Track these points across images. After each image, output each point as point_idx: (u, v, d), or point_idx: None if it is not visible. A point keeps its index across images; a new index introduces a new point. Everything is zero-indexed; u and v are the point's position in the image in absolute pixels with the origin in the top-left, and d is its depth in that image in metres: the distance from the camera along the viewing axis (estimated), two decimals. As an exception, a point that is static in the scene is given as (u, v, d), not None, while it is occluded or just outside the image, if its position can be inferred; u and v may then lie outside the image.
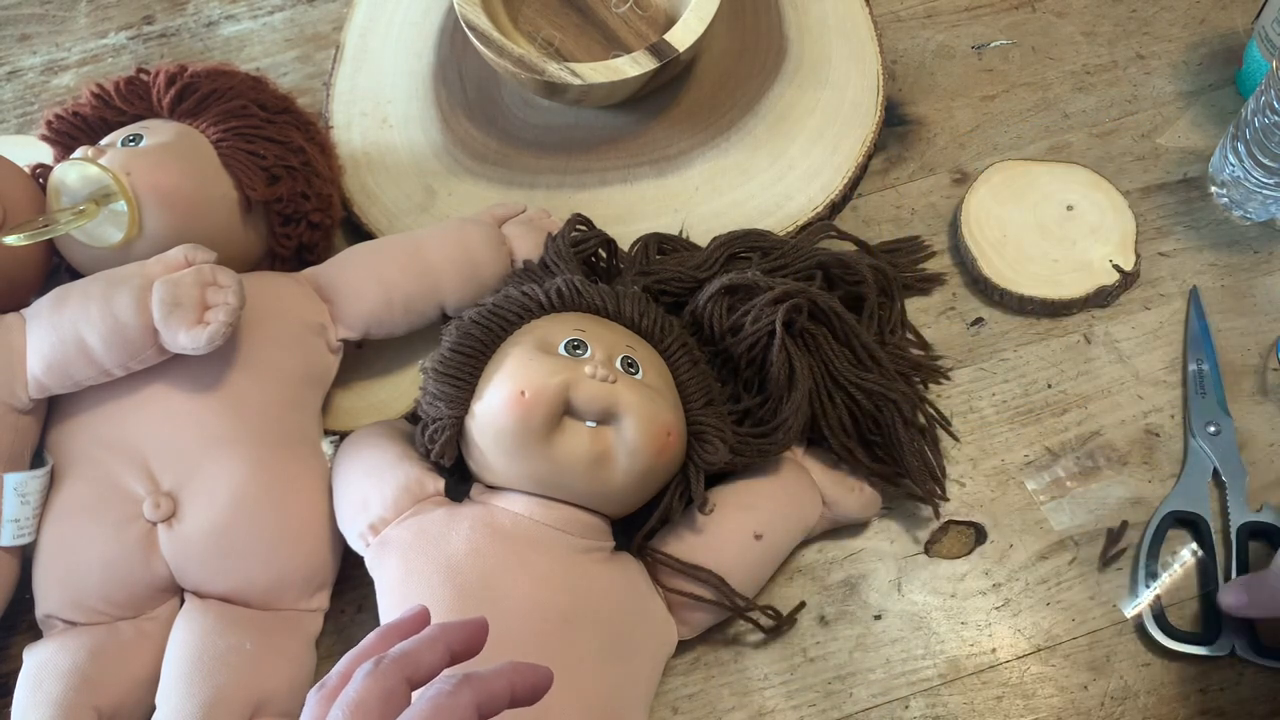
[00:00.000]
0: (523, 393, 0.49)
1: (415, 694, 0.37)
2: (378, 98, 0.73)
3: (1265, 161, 0.62)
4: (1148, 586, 0.57)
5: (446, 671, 0.37)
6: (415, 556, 0.51)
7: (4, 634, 0.58)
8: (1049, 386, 0.63)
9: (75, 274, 0.57)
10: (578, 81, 0.65)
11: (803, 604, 0.58)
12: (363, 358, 0.64)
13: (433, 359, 0.54)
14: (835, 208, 0.68)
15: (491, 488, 0.54)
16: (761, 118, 0.70)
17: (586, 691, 0.49)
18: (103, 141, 0.58)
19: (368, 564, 0.53)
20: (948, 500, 0.60)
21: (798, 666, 0.57)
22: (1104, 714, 0.55)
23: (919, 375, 0.62)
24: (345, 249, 0.62)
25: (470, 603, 0.49)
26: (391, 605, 0.51)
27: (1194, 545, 0.58)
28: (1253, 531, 0.58)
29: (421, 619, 0.41)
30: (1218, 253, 0.67)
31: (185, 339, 0.52)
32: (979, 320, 0.66)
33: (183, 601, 0.54)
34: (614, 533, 0.54)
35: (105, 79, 0.60)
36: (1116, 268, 0.65)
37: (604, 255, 0.62)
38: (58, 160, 0.59)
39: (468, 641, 0.39)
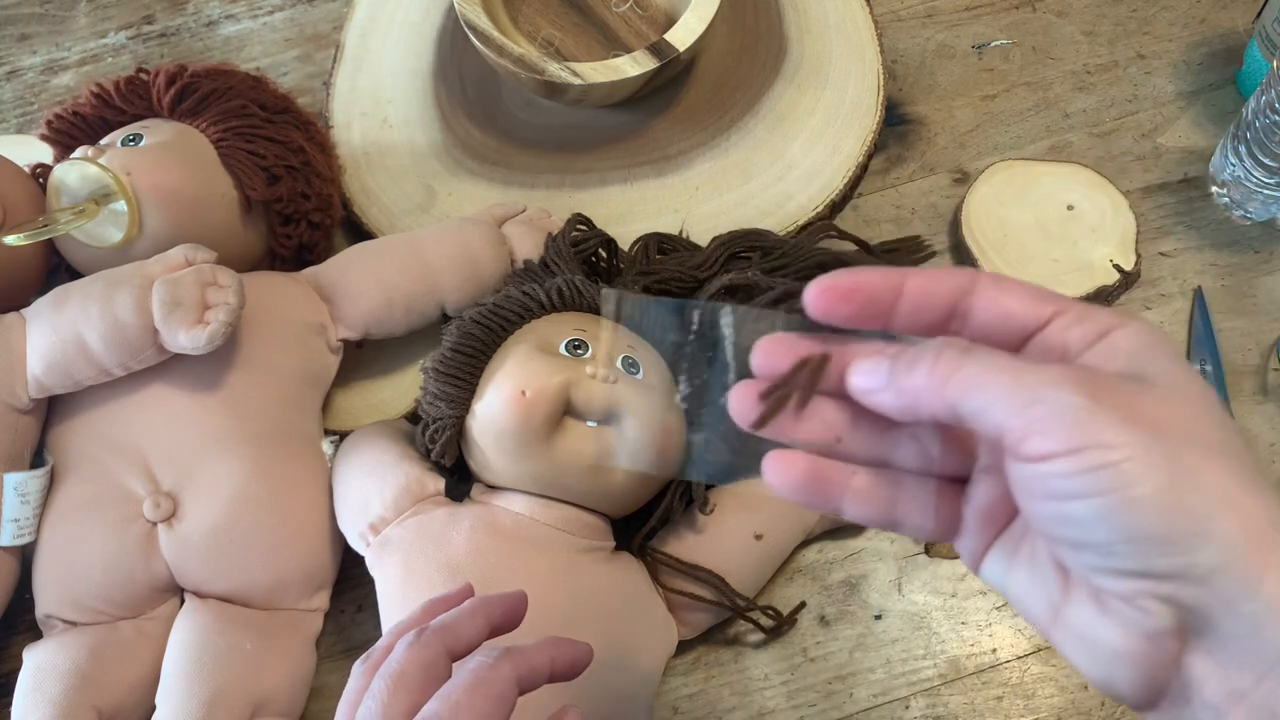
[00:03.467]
0: (524, 392, 0.49)
1: (456, 665, 0.37)
2: (378, 97, 0.73)
3: (1266, 161, 0.62)
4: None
5: (488, 644, 0.37)
6: (416, 556, 0.51)
7: (4, 634, 0.58)
8: (1049, 386, 0.63)
9: (75, 274, 0.57)
10: (578, 81, 0.64)
11: (803, 604, 0.58)
12: (363, 358, 0.64)
13: (433, 359, 0.54)
14: (835, 208, 0.68)
15: (492, 487, 0.54)
16: (761, 117, 0.70)
17: (590, 691, 0.49)
18: (103, 141, 0.58)
19: (368, 564, 0.53)
20: (948, 500, 0.60)
21: (798, 666, 0.57)
22: (1104, 714, 0.55)
23: (919, 375, 0.62)
24: (345, 249, 0.62)
25: (471, 603, 0.49)
26: (392, 605, 0.51)
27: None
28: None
29: (465, 593, 0.41)
30: (1218, 253, 0.67)
31: (185, 339, 0.52)
32: (979, 320, 0.65)
33: (183, 601, 0.54)
34: (614, 533, 0.54)
35: (105, 79, 0.60)
36: (1117, 268, 0.65)
37: (604, 255, 0.62)
38: (57, 160, 0.59)
39: (507, 614, 0.39)
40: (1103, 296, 0.65)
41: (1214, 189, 0.69)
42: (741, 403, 0.32)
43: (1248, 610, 0.26)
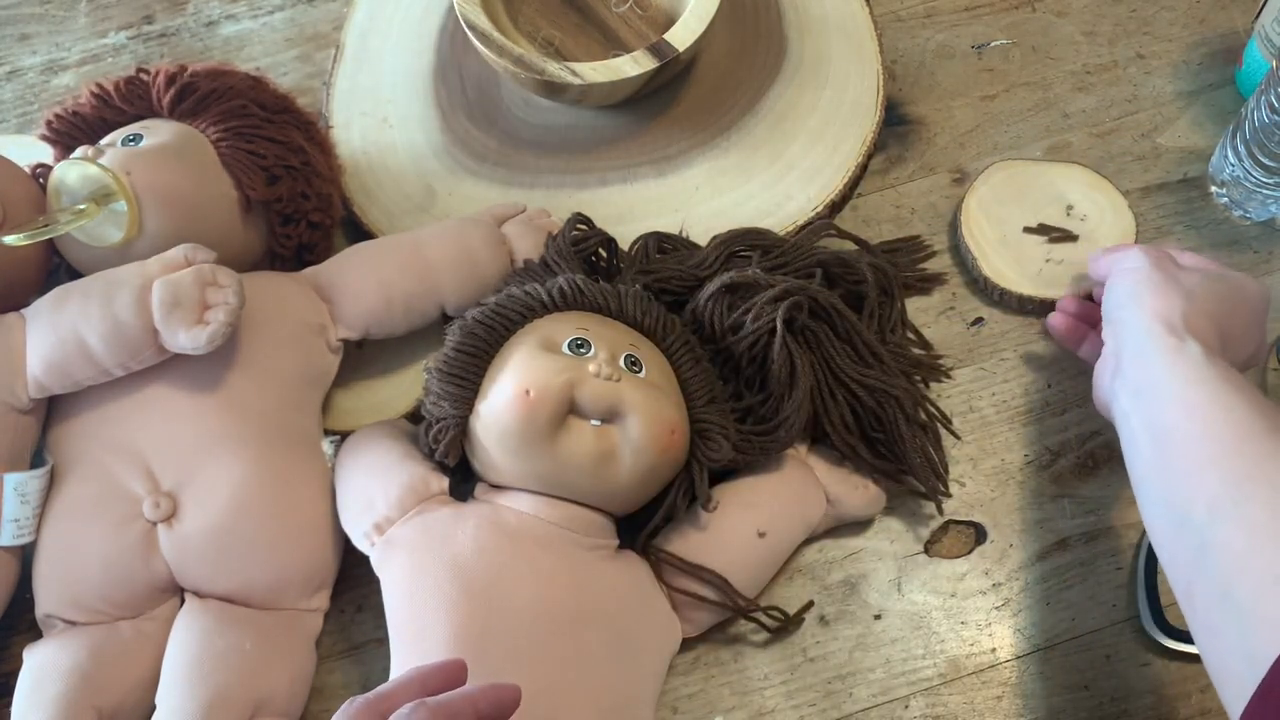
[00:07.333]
0: (528, 391, 0.49)
1: None
2: (378, 97, 0.73)
3: (1265, 161, 0.62)
4: (1147, 586, 0.57)
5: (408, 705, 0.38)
6: (422, 555, 0.51)
7: (4, 634, 0.58)
8: (1049, 386, 0.63)
9: (75, 274, 0.57)
10: (578, 81, 0.65)
11: (811, 604, 0.58)
12: (363, 358, 0.64)
13: (437, 359, 0.54)
14: (835, 207, 0.68)
15: (496, 487, 0.54)
16: (761, 118, 0.70)
17: (596, 688, 0.49)
18: (102, 141, 0.57)
19: (373, 563, 0.53)
20: (951, 496, 0.60)
21: (798, 666, 0.57)
22: (1104, 713, 0.55)
23: (919, 374, 0.62)
24: (345, 249, 0.62)
25: (478, 601, 0.49)
26: (398, 603, 0.51)
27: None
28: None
29: (458, 667, 0.41)
30: (1217, 252, 0.67)
31: (185, 339, 0.52)
32: (979, 320, 0.66)
33: (183, 601, 0.54)
34: (618, 531, 0.55)
35: (105, 79, 0.60)
36: (1116, 267, 0.65)
37: (604, 254, 0.62)
38: (58, 160, 0.59)
39: (499, 705, 0.39)
40: (1102, 296, 0.65)
41: (1213, 189, 0.69)
42: None
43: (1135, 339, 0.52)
